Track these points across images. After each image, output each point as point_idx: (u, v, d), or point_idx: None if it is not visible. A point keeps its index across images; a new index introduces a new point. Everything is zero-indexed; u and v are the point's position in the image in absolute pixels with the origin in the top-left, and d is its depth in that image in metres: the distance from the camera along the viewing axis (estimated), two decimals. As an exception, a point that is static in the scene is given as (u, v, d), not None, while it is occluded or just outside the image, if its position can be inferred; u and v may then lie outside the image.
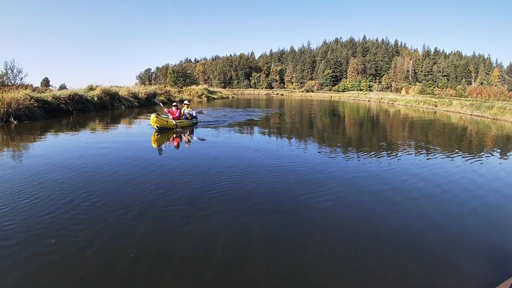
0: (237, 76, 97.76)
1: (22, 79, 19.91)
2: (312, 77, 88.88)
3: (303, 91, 77.09)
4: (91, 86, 19.39)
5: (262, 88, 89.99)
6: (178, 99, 27.94)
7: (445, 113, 24.05)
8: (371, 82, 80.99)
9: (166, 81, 56.31)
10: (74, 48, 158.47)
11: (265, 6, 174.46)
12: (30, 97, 13.37)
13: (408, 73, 79.09)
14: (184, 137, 9.72)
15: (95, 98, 18.25)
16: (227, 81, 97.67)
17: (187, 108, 12.57)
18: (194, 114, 12.55)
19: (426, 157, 7.55)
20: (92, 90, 18.93)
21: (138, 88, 26.92)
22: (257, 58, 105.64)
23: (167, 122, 10.58)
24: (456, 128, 15.10)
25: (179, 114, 11.45)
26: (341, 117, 20.60)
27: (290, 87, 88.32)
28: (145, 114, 16.70)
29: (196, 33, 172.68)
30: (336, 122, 16.88)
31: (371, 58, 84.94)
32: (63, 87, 28.56)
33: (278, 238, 3.25)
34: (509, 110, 18.69)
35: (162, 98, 25.01)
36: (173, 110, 11.46)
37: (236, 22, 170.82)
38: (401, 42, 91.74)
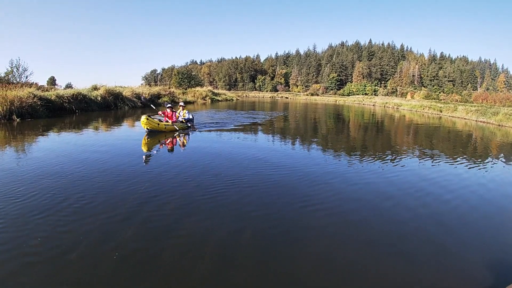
0: (242, 78, 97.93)
1: (27, 78, 20.19)
2: (317, 80, 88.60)
3: (308, 95, 76.93)
4: (95, 86, 19.55)
5: (267, 91, 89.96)
6: (182, 100, 27.92)
7: (450, 118, 23.73)
8: (377, 87, 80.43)
9: (171, 82, 56.52)
10: (82, 47, 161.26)
11: (271, 9, 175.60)
12: (33, 95, 13.51)
13: (413, 77, 78.32)
14: (178, 139, 9.48)
15: (99, 98, 18.40)
16: (232, 83, 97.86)
17: (183, 110, 11.88)
18: (191, 116, 11.91)
19: (430, 163, 7.47)
20: (96, 90, 19.09)
21: (142, 88, 27.10)
22: (262, 61, 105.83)
23: (158, 124, 10.00)
24: (461, 134, 14.84)
25: (175, 118, 10.93)
26: (345, 121, 20.42)
27: (295, 90, 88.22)
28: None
29: (202, 35, 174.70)
30: (340, 127, 16.71)
31: (377, 62, 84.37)
32: (69, 86, 28.78)
33: (268, 246, 3.15)
34: (515, 117, 18.37)
35: (166, 100, 25.01)
36: (167, 112, 10.89)
37: (242, 25, 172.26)
38: (407, 47, 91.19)
